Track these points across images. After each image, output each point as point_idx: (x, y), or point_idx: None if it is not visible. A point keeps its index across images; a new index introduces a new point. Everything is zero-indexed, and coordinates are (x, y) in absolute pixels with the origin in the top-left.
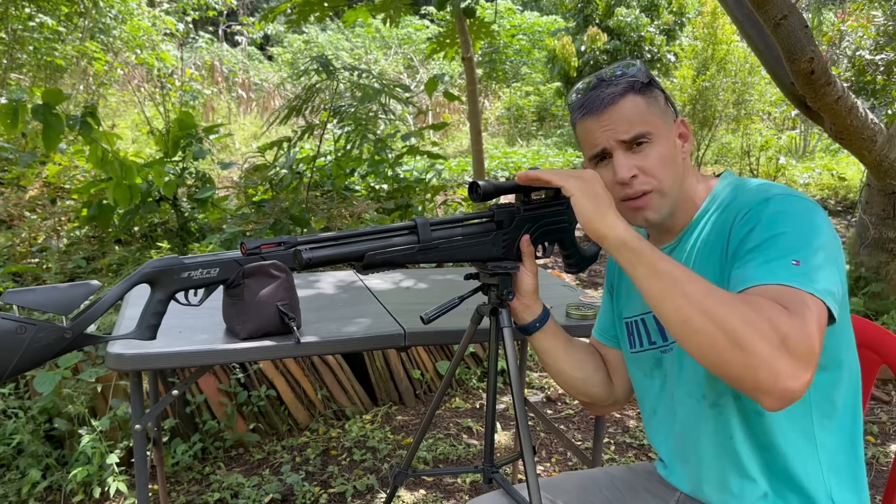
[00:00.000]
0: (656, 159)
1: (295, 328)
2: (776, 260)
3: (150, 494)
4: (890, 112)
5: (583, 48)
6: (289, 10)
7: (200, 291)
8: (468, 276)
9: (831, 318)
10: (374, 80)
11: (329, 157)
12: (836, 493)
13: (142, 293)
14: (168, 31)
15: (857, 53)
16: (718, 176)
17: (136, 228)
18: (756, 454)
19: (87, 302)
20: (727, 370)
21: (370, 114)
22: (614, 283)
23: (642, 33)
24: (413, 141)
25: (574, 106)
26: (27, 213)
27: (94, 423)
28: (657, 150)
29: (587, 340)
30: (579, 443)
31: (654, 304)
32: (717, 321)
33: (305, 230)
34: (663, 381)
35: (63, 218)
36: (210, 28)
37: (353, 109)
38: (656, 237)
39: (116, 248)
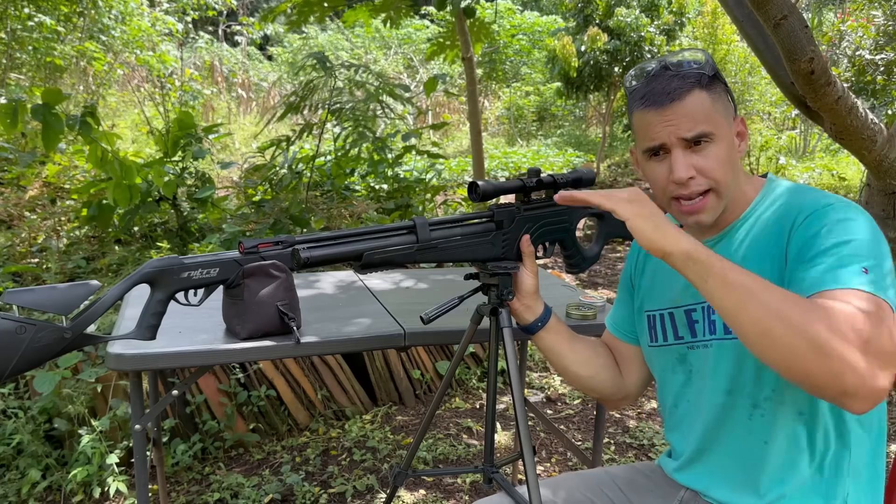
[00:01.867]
0: (715, 160)
1: (295, 328)
2: (846, 266)
3: (149, 494)
4: (890, 112)
5: (583, 48)
6: (289, 11)
7: (200, 291)
8: (468, 276)
9: None
10: (371, 76)
11: (329, 157)
12: (851, 498)
13: (142, 293)
14: (168, 32)
15: (857, 53)
16: (763, 176)
17: (135, 228)
18: (787, 459)
19: (86, 302)
20: (811, 378)
21: (368, 112)
22: (634, 276)
23: (642, 33)
24: (413, 141)
25: (635, 94)
26: (27, 213)
27: (94, 423)
28: (717, 151)
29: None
30: (579, 443)
31: (728, 316)
32: (798, 329)
33: (305, 230)
34: (688, 377)
35: (63, 218)
36: (210, 28)
37: (350, 106)
38: (696, 232)
39: (116, 248)
